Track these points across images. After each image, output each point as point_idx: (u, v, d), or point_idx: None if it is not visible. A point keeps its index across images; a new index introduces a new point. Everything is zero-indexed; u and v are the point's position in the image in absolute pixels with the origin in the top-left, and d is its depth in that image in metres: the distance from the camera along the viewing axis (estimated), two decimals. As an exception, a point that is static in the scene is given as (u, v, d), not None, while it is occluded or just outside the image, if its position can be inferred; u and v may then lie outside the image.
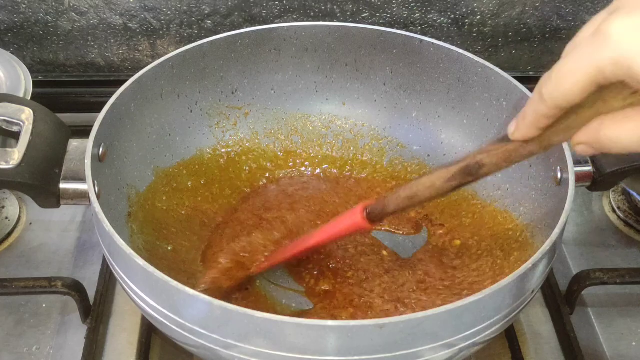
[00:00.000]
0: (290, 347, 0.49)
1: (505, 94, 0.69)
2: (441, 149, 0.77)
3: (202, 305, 0.49)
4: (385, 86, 0.78)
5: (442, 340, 0.50)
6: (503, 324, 0.54)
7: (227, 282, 0.64)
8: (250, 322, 0.48)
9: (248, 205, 0.73)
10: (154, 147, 0.71)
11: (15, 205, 0.77)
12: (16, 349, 0.64)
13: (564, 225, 0.55)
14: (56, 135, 0.61)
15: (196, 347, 0.53)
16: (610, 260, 0.75)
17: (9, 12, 0.86)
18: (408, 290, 0.64)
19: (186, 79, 0.72)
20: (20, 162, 0.57)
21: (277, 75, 0.77)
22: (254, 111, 0.78)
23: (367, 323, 0.47)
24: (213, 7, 0.86)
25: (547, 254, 0.53)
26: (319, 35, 0.76)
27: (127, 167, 0.67)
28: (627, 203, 0.80)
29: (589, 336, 0.67)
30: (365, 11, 0.88)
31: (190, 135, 0.74)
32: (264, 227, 0.70)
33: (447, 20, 0.89)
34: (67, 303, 0.67)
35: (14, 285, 0.66)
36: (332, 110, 0.80)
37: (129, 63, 0.91)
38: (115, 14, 0.86)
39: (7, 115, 0.61)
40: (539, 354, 0.66)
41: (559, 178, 0.62)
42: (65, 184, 0.59)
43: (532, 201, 0.67)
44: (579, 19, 0.91)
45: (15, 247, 0.74)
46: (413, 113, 0.78)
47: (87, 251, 0.73)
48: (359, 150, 0.79)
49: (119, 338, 0.66)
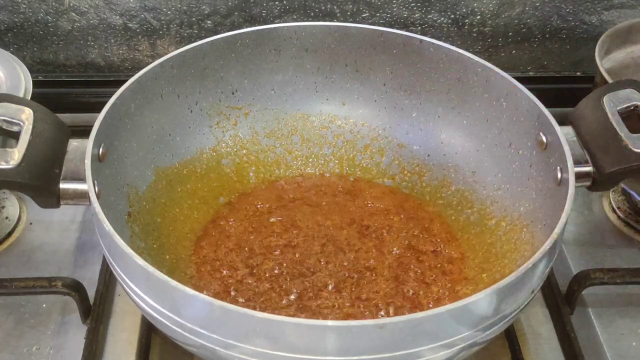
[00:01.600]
0: (290, 347, 0.49)
1: (505, 94, 0.69)
2: (441, 149, 0.77)
3: (202, 305, 0.49)
4: (385, 86, 0.78)
5: (442, 340, 0.50)
6: (503, 324, 0.54)
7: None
8: (250, 322, 0.48)
9: (248, 205, 0.73)
10: (154, 147, 0.71)
11: (15, 205, 0.77)
12: (16, 349, 0.64)
13: (564, 225, 0.55)
14: (56, 135, 0.61)
15: (196, 347, 0.53)
16: (610, 260, 0.75)
17: (9, 12, 0.86)
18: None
19: (186, 79, 0.72)
20: (20, 162, 0.57)
21: (277, 75, 0.77)
22: (254, 111, 0.78)
23: (367, 323, 0.47)
24: (213, 7, 0.86)
25: (547, 254, 0.53)
26: (319, 35, 0.76)
27: (127, 167, 0.67)
28: (627, 203, 0.80)
29: (589, 336, 0.67)
30: (365, 11, 0.88)
31: (190, 135, 0.74)
32: (263, 227, 0.70)
33: (447, 20, 0.89)
34: (67, 303, 0.67)
35: (14, 285, 0.66)
36: (332, 111, 0.80)
37: (129, 63, 0.91)
38: (115, 14, 0.86)
39: (7, 115, 0.61)
40: (539, 354, 0.66)
41: (559, 178, 0.62)
42: (65, 184, 0.59)
43: (532, 201, 0.67)
44: (578, 19, 0.91)
45: (15, 247, 0.74)
46: (413, 113, 0.78)
47: (87, 251, 0.73)
48: (359, 150, 0.79)
49: (119, 338, 0.66)
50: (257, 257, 0.67)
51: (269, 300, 0.63)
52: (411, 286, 0.65)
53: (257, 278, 0.65)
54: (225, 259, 0.67)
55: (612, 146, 0.62)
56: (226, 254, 0.68)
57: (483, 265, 0.67)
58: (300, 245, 0.69)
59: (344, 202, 0.74)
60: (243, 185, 0.75)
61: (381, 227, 0.71)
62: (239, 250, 0.68)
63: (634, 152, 0.61)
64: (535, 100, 0.66)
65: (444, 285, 0.66)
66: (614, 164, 0.62)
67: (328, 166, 0.78)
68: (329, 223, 0.71)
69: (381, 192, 0.75)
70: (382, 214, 0.73)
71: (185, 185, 0.72)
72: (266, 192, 0.75)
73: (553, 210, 0.60)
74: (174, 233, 0.69)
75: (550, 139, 0.64)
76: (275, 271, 0.66)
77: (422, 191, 0.75)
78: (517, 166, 0.69)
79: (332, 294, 0.64)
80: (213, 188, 0.74)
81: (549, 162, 0.64)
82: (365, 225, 0.71)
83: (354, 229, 0.71)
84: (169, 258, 0.66)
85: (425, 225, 0.72)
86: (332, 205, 0.74)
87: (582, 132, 0.65)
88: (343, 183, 0.77)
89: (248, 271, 0.66)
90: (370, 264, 0.67)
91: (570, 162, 0.60)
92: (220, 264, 0.67)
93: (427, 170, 0.76)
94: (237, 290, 0.64)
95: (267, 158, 0.78)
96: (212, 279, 0.65)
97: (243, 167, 0.76)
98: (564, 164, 0.61)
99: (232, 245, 0.68)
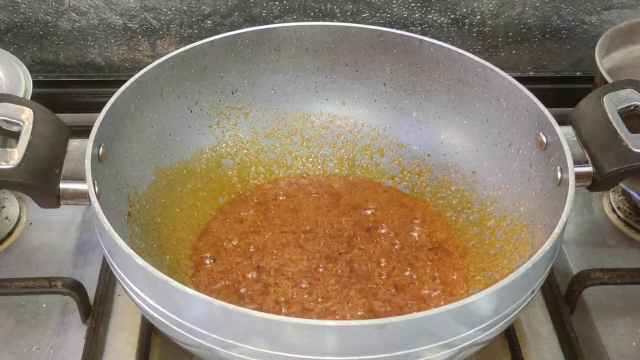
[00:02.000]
0: (290, 347, 0.49)
1: (505, 94, 0.69)
2: (441, 149, 0.77)
3: (202, 305, 0.49)
4: (385, 86, 0.78)
5: (442, 340, 0.50)
6: (503, 324, 0.54)
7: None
8: (251, 322, 0.48)
9: (247, 205, 0.73)
10: (154, 147, 0.71)
11: (15, 205, 0.77)
12: (16, 349, 0.64)
13: (564, 226, 0.55)
14: (56, 135, 0.61)
15: (196, 347, 0.53)
16: (610, 260, 0.75)
17: (9, 12, 0.86)
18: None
19: (186, 79, 0.72)
20: (20, 162, 0.57)
21: (277, 75, 0.77)
22: (254, 111, 0.78)
23: (367, 323, 0.47)
24: (213, 7, 0.86)
25: (547, 254, 0.53)
26: (318, 35, 0.76)
27: (127, 167, 0.67)
28: (627, 203, 0.80)
29: (589, 336, 0.67)
30: (365, 11, 0.88)
31: (190, 135, 0.74)
32: (264, 227, 0.70)
33: (447, 20, 0.89)
34: (67, 303, 0.67)
35: (14, 285, 0.65)
36: (332, 111, 0.80)
37: (129, 63, 0.91)
38: (115, 14, 0.86)
39: (7, 115, 0.61)
40: (539, 354, 0.66)
41: (559, 178, 0.62)
42: (65, 184, 0.59)
43: (532, 201, 0.67)
44: (578, 19, 0.91)
45: (15, 247, 0.74)
46: (413, 113, 0.78)
47: (87, 251, 0.73)
48: (359, 151, 0.79)
49: (119, 338, 0.66)
50: (258, 257, 0.67)
51: (270, 299, 0.63)
52: (410, 286, 0.65)
53: (258, 277, 0.65)
54: (226, 258, 0.67)
55: (612, 146, 0.62)
56: (227, 254, 0.68)
57: (483, 265, 0.67)
58: (301, 245, 0.69)
59: (344, 202, 0.74)
60: (243, 185, 0.75)
61: (381, 227, 0.71)
62: (240, 250, 0.68)
63: (634, 152, 0.61)
64: (535, 100, 0.66)
65: (444, 284, 0.66)
66: (614, 164, 0.62)
67: (328, 166, 0.78)
68: (329, 223, 0.71)
69: (381, 192, 0.75)
70: (382, 214, 0.73)
71: (186, 185, 0.72)
72: (266, 192, 0.75)
73: (553, 210, 0.60)
74: (174, 233, 0.69)
75: (550, 139, 0.64)
76: (276, 270, 0.66)
77: (422, 191, 0.75)
78: (517, 166, 0.70)
79: (334, 292, 0.64)
80: (213, 188, 0.74)
81: (549, 162, 0.64)
82: (365, 225, 0.71)
83: (354, 229, 0.71)
84: (169, 258, 0.66)
85: (425, 225, 0.72)
86: (331, 205, 0.74)
87: (582, 132, 0.65)
88: (343, 183, 0.77)
89: (249, 270, 0.66)
90: (370, 265, 0.67)
91: (570, 162, 0.60)
92: (221, 263, 0.67)
93: (427, 171, 0.76)
94: (238, 290, 0.64)
95: (267, 158, 0.78)
96: (213, 279, 0.65)
97: (243, 167, 0.76)
98: (564, 164, 0.61)
99: (232, 245, 0.69)
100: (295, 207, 0.73)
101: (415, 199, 0.75)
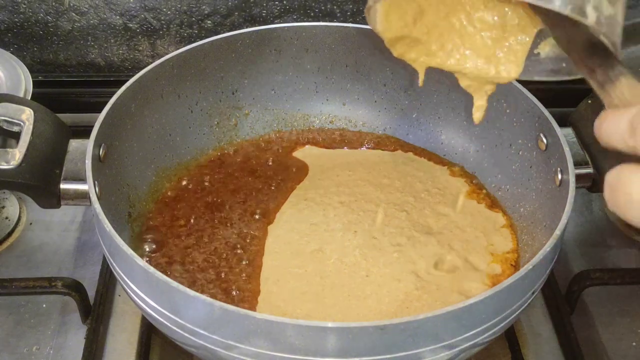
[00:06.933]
0: (290, 348, 0.49)
1: (505, 94, 0.69)
2: (441, 149, 0.77)
3: (202, 306, 0.49)
4: (385, 87, 0.78)
5: (443, 342, 0.50)
6: (504, 325, 0.54)
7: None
8: (251, 322, 0.48)
9: (247, 205, 0.73)
10: (154, 147, 0.71)
11: (15, 205, 0.77)
12: (16, 349, 0.64)
13: (565, 227, 0.55)
14: (56, 136, 0.61)
15: (196, 348, 0.53)
16: (610, 260, 0.75)
17: (9, 12, 0.86)
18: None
19: (186, 79, 0.72)
20: (21, 163, 0.57)
21: (277, 75, 0.77)
22: (254, 111, 0.78)
23: (368, 324, 0.47)
24: (213, 7, 0.86)
25: (548, 255, 0.53)
26: (319, 35, 0.76)
27: (128, 167, 0.67)
28: (627, 203, 0.80)
29: (589, 336, 0.67)
30: (366, 11, 0.88)
31: (191, 135, 0.74)
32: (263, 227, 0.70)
33: (447, 20, 0.89)
34: (67, 303, 0.67)
35: (14, 285, 0.65)
36: (332, 111, 0.80)
37: (129, 63, 0.91)
38: (115, 14, 0.86)
39: (8, 115, 0.61)
40: (539, 354, 0.66)
41: (559, 179, 0.62)
42: (65, 184, 0.59)
43: (532, 202, 0.67)
44: (579, 20, 0.91)
45: (15, 247, 0.74)
46: (413, 114, 0.78)
47: (87, 251, 0.73)
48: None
49: (119, 338, 0.66)
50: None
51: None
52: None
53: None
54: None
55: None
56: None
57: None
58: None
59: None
60: (243, 185, 0.75)
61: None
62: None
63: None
64: (535, 101, 0.66)
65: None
66: (614, 166, 0.62)
67: (328, 166, 0.78)
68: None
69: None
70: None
71: (185, 185, 0.72)
72: (266, 192, 0.75)
73: (553, 212, 0.60)
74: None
75: (551, 140, 0.64)
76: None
77: (422, 191, 0.76)
78: (517, 167, 0.70)
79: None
80: (213, 188, 0.74)
81: (549, 163, 0.64)
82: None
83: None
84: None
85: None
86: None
87: (583, 133, 0.65)
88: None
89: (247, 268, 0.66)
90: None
91: (570, 163, 0.60)
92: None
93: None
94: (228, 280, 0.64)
95: (267, 158, 0.77)
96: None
97: (243, 167, 0.76)
98: (564, 166, 0.61)
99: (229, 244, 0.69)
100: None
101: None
